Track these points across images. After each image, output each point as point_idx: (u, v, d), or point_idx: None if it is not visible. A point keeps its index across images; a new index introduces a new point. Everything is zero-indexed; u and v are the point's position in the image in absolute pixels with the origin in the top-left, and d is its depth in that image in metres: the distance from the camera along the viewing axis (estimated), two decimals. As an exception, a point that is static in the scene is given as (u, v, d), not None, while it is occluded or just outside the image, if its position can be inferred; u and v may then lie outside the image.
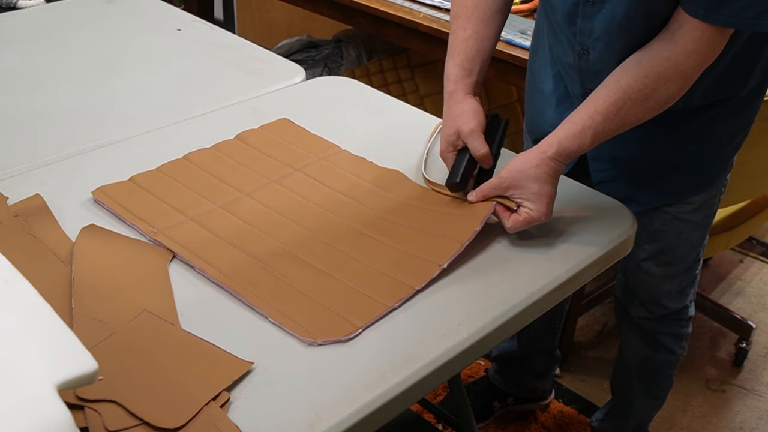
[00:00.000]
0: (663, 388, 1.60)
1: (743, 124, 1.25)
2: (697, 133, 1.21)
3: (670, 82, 1.01)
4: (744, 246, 2.46)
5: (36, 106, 1.35)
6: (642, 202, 1.27)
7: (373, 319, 0.90)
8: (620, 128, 1.04)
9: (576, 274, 1.01)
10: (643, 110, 1.03)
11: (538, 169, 1.03)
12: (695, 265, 1.41)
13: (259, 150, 1.22)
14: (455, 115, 1.11)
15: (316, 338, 0.87)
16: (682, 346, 1.53)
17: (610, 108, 1.02)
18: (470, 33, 1.15)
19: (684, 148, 1.23)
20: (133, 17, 1.74)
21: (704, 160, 1.25)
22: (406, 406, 0.85)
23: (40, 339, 0.63)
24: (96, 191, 1.10)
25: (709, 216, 1.34)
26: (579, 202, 1.14)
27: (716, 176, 1.28)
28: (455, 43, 1.16)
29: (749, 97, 1.21)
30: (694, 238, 1.35)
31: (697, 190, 1.28)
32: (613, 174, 1.28)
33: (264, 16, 3.53)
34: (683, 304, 1.46)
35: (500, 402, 1.84)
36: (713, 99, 1.18)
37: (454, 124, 1.11)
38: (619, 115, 1.02)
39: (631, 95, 1.01)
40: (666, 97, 1.02)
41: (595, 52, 1.13)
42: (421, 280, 0.95)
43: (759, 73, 1.18)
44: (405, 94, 2.59)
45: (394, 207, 1.09)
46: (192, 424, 0.75)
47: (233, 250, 1.00)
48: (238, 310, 0.91)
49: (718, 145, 1.24)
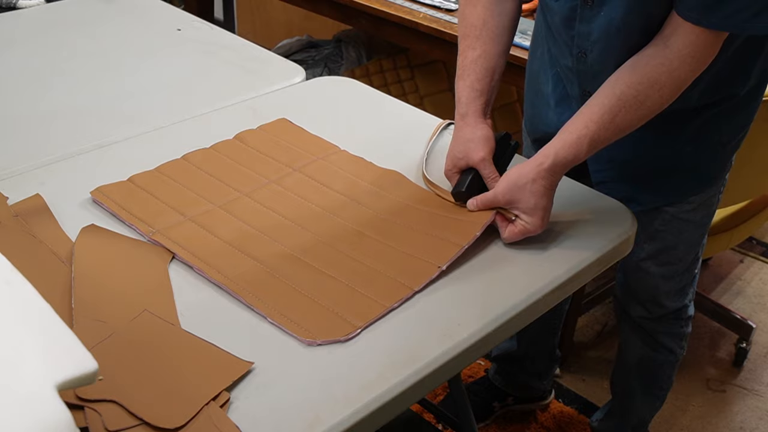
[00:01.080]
0: (663, 388, 1.60)
1: (742, 123, 1.25)
2: (695, 133, 1.22)
3: (664, 88, 1.01)
4: (744, 246, 2.46)
5: (36, 106, 1.35)
6: (642, 203, 1.27)
7: (372, 320, 0.90)
8: (616, 135, 1.04)
9: (576, 274, 1.01)
10: (637, 117, 1.03)
11: (535, 184, 1.02)
12: (694, 264, 1.41)
13: (258, 150, 1.22)
14: (467, 139, 1.11)
15: (315, 338, 0.87)
16: (682, 345, 1.53)
17: (604, 116, 1.02)
18: (479, 53, 1.14)
19: (682, 148, 1.23)
20: (133, 17, 1.74)
21: (703, 160, 1.25)
22: (406, 406, 0.85)
23: (40, 339, 0.63)
24: (94, 191, 1.10)
25: (708, 215, 1.34)
26: (579, 202, 1.14)
27: (716, 176, 1.28)
28: (464, 64, 1.15)
29: (748, 97, 1.21)
30: (694, 237, 1.35)
31: (697, 190, 1.28)
32: (613, 174, 1.28)
33: (264, 16, 3.53)
34: (682, 304, 1.46)
35: (500, 402, 1.84)
36: (711, 99, 1.18)
37: (465, 149, 1.10)
38: (614, 123, 1.02)
39: (626, 102, 1.01)
40: (660, 103, 1.02)
41: (593, 55, 1.13)
42: (420, 281, 0.95)
43: (757, 72, 1.18)
44: (405, 94, 2.59)
45: (393, 208, 1.09)
46: (192, 424, 0.75)
47: (232, 251, 1.00)
48: (238, 310, 0.91)
49: (717, 145, 1.24)
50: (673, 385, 1.61)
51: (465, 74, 1.15)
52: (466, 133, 1.11)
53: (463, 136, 1.12)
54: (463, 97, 1.14)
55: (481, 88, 1.14)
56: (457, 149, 1.11)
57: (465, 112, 1.13)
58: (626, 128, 1.04)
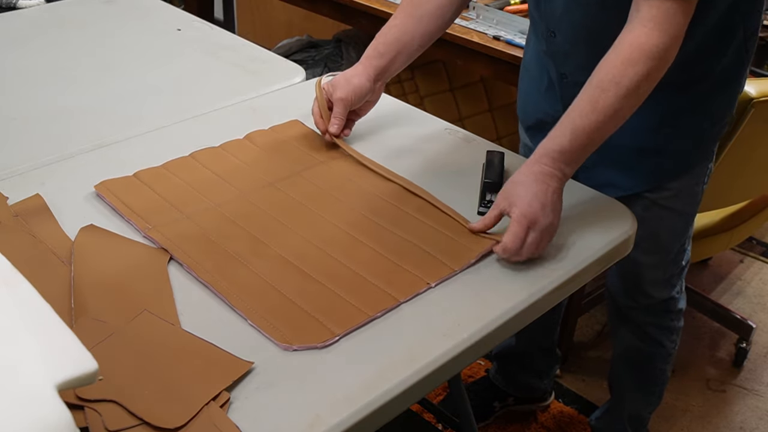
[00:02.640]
0: (657, 383, 1.60)
1: (720, 109, 1.26)
2: (672, 117, 1.23)
3: (638, 64, 1.00)
4: (744, 246, 2.46)
5: (36, 106, 1.35)
6: (622, 187, 1.29)
7: (352, 327, 0.89)
8: (603, 122, 1.02)
9: (576, 274, 1.01)
10: (618, 98, 1.01)
11: (538, 183, 1.02)
12: (680, 255, 1.42)
13: (265, 150, 1.22)
14: (346, 77, 1.22)
15: (292, 343, 0.86)
16: (673, 339, 1.53)
17: (584, 104, 1.02)
18: (397, 23, 1.23)
19: (661, 132, 1.24)
20: (133, 17, 1.74)
21: (682, 144, 1.26)
22: (406, 406, 0.85)
23: (40, 339, 0.63)
24: (98, 185, 1.11)
25: (692, 205, 1.35)
26: (579, 202, 1.14)
27: (695, 162, 1.29)
28: (382, 29, 1.24)
29: (724, 79, 1.22)
30: (677, 226, 1.36)
31: (676, 174, 1.29)
32: (594, 160, 1.29)
33: (264, 16, 3.53)
34: (669, 295, 1.46)
35: (500, 402, 1.84)
36: (685, 76, 1.17)
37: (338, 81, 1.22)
38: (596, 109, 1.01)
39: (601, 85, 1.01)
40: (638, 81, 1.01)
41: (561, 34, 1.17)
42: (407, 294, 0.94)
43: (733, 52, 1.18)
44: (405, 94, 2.59)
45: (393, 217, 1.08)
46: (192, 424, 0.75)
47: (222, 250, 0.99)
48: (237, 310, 0.91)
49: (695, 129, 1.26)
50: (673, 386, 1.61)
51: (378, 36, 1.24)
52: (348, 72, 1.22)
53: (345, 73, 1.23)
54: (365, 53, 1.24)
55: (384, 51, 1.23)
56: (335, 80, 1.22)
57: (361, 61, 1.23)
58: (611, 113, 1.02)
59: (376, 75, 1.22)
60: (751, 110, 1.50)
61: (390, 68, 1.23)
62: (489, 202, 1.10)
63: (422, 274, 0.97)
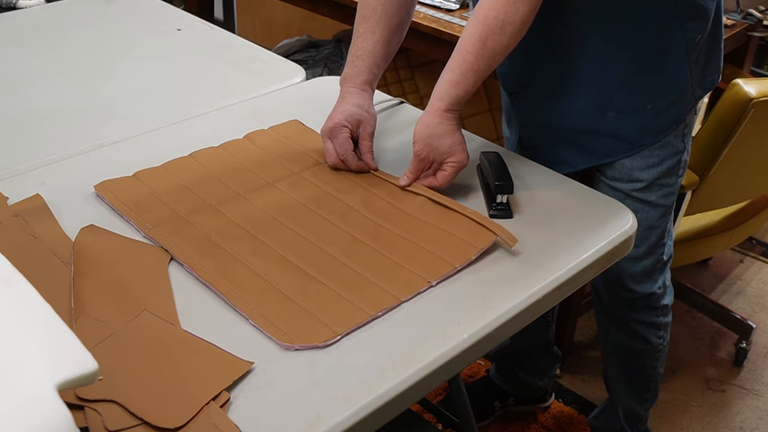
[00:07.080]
0: (649, 380, 1.60)
1: (661, 90, 1.26)
2: (612, 98, 1.26)
3: (519, 3, 1.06)
4: (744, 246, 2.46)
5: (36, 106, 1.35)
6: (572, 164, 1.32)
7: (353, 327, 0.89)
8: (494, 59, 1.10)
9: (576, 274, 1.01)
10: (506, 38, 1.08)
11: (441, 126, 1.10)
12: (660, 249, 1.42)
13: (264, 150, 1.22)
14: (365, 106, 1.21)
15: (294, 343, 0.86)
16: (660, 335, 1.53)
17: (476, 44, 1.08)
18: (377, 37, 1.24)
19: (604, 113, 1.27)
20: (133, 17, 1.74)
21: (625, 125, 1.28)
22: (406, 406, 0.85)
23: (40, 339, 0.63)
24: (98, 185, 1.11)
25: (666, 197, 1.36)
26: (579, 202, 1.14)
27: (641, 140, 1.30)
28: (365, 46, 1.24)
29: (660, 60, 1.23)
30: (651, 219, 1.37)
31: (624, 152, 1.31)
32: (544, 138, 1.36)
33: (264, 16, 3.54)
34: (651, 290, 1.46)
35: (501, 402, 1.84)
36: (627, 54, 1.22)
37: (360, 116, 1.20)
38: (486, 48, 1.08)
39: (490, 26, 1.08)
40: (521, 20, 1.08)
41: None
42: (408, 293, 0.94)
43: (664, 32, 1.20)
44: (405, 94, 2.59)
45: (392, 216, 1.08)
46: (192, 424, 0.75)
47: (222, 250, 0.99)
48: (238, 310, 0.91)
49: (636, 109, 1.27)
50: (673, 385, 1.61)
51: (366, 54, 1.25)
52: (355, 100, 1.21)
53: (355, 103, 1.21)
54: (359, 71, 1.24)
55: (378, 72, 1.26)
56: (353, 110, 1.19)
57: (359, 84, 1.23)
58: (500, 51, 1.09)
59: (372, 92, 1.26)
60: (751, 110, 1.50)
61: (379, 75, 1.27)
62: (499, 205, 1.10)
63: (423, 273, 0.97)
